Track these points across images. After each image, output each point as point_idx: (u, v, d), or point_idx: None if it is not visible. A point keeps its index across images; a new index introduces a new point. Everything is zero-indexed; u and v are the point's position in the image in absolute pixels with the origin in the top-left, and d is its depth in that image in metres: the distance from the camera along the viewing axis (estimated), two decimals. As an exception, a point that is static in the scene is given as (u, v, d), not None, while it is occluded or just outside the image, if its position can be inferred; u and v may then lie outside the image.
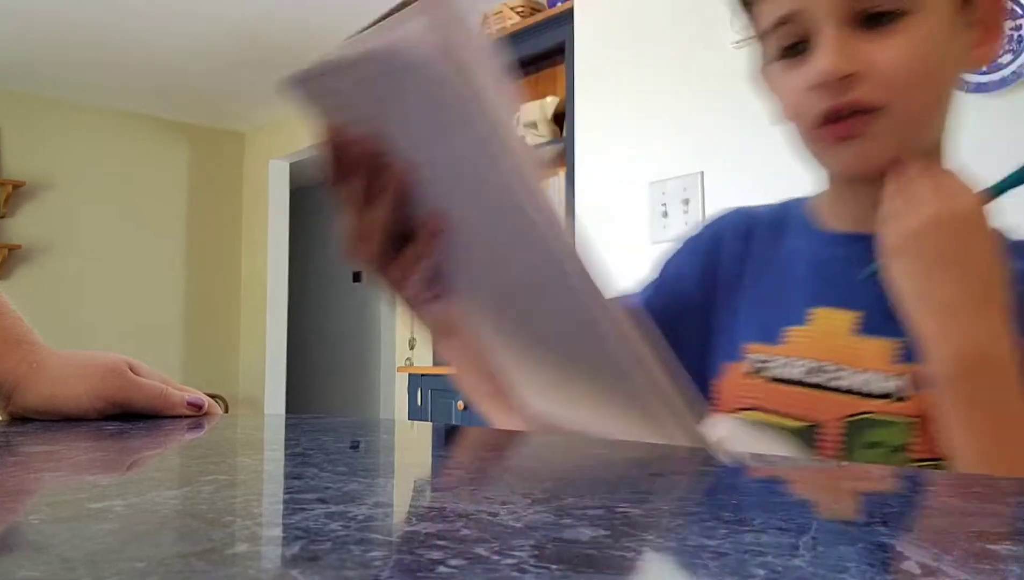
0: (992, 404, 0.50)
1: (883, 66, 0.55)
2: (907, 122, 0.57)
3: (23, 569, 0.19)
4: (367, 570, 0.18)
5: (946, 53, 0.58)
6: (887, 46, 0.55)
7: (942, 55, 0.57)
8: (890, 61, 0.55)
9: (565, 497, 0.27)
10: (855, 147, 0.58)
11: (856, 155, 0.58)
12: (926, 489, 0.32)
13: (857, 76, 0.55)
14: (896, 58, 0.55)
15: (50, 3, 3.48)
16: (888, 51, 0.55)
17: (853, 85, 0.55)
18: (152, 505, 0.25)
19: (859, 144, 0.57)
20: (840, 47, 0.55)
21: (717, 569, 0.18)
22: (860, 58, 0.55)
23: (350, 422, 0.59)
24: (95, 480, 0.33)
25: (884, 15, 0.55)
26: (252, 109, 5.06)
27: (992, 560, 0.19)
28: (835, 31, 0.55)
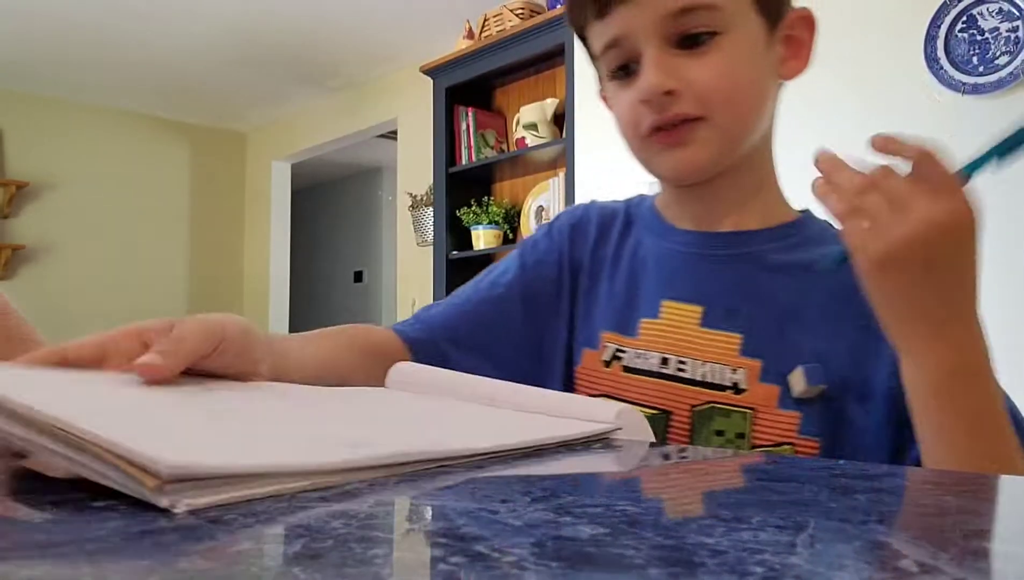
0: (973, 409, 0.50)
1: (699, 83, 0.61)
2: (726, 130, 0.63)
3: (25, 568, 0.19)
4: (368, 568, 0.18)
5: (758, 67, 0.64)
6: (702, 64, 0.61)
7: (754, 69, 0.63)
8: (704, 78, 0.61)
9: (565, 495, 0.27)
10: (680, 153, 0.63)
11: (682, 160, 0.63)
12: (923, 488, 0.32)
13: (677, 92, 0.61)
14: (710, 75, 0.61)
15: (52, 3, 3.49)
16: (703, 69, 0.61)
17: (675, 100, 0.61)
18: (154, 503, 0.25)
19: (683, 151, 0.63)
20: (660, 66, 0.61)
21: (716, 567, 0.18)
22: (679, 75, 0.61)
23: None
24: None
25: (698, 36, 0.61)
26: (254, 109, 5.07)
27: (989, 558, 0.19)
28: (656, 52, 0.61)
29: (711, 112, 0.61)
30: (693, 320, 0.66)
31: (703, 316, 0.65)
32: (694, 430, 0.63)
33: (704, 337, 0.64)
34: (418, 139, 4.11)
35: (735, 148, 0.64)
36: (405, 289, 4.24)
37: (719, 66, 0.61)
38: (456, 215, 3.37)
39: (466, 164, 3.34)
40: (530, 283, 0.74)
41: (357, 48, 4.02)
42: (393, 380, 0.57)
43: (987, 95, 2.02)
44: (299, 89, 4.63)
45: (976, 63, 2.05)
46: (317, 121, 4.92)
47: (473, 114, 3.34)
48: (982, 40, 2.05)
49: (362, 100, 4.57)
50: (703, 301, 0.66)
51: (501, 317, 0.73)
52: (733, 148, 0.64)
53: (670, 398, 0.64)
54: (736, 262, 0.67)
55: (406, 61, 4.13)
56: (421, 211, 3.97)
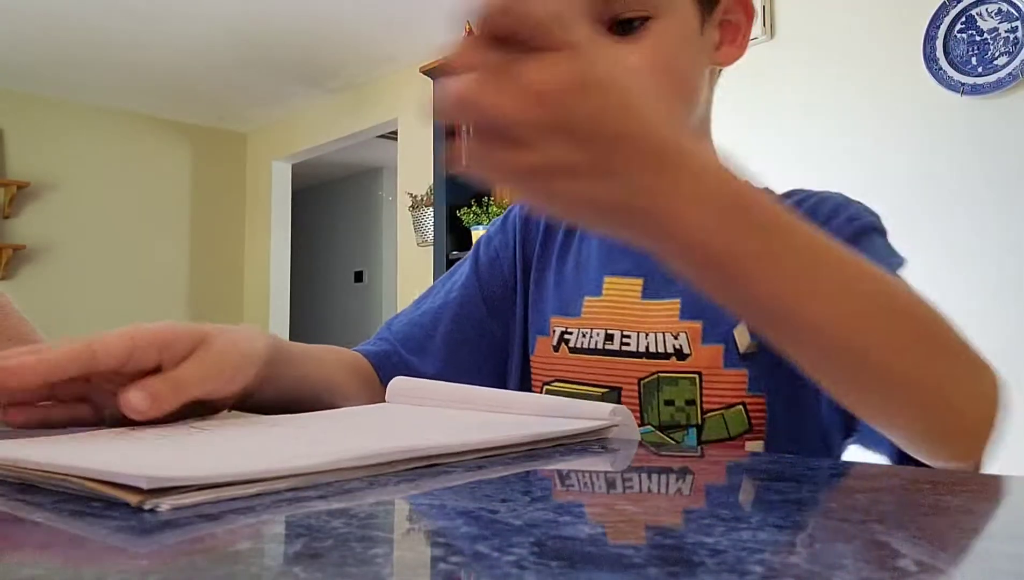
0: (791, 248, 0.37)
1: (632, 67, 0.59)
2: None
3: (26, 567, 0.19)
4: (368, 567, 0.18)
5: (691, 54, 0.62)
6: (635, 49, 0.59)
7: (687, 56, 0.62)
8: (636, 63, 0.59)
9: (565, 495, 0.27)
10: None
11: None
12: (922, 487, 0.32)
13: None
14: (641, 60, 0.59)
15: (53, 4, 3.49)
16: (635, 54, 0.59)
17: None
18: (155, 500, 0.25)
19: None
20: None
21: (715, 566, 0.18)
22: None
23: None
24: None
25: (631, 22, 0.59)
26: (254, 110, 5.07)
27: (987, 557, 0.19)
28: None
29: None
30: (634, 293, 0.66)
31: (643, 288, 0.65)
32: (643, 403, 0.62)
33: (646, 308, 0.64)
34: (418, 139, 4.11)
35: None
36: (405, 289, 4.24)
37: (652, 51, 0.59)
38: (456, 215, 3.37)
39: (466, 164, 3.33)
40: (486, 282, 0.75)
41: (357, 49, 4.02)
42: (393, 394, 0.57)
43: (986, 95, 2.02)
44: (299, 89, 4.63)
45: (975, 63, 2.05)
46: (317, 121, 4.92)
47: (473, 114, 3.33)
48: (981, 41, 2.05)
49: (362, 100, 4.57)
50: (643, 273, 0.66)
51: (463, 318, 0.73)
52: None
53: (617, 374, 0.64)
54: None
55: (406, 61, 4.13)
56: (421, 211, 3.97)
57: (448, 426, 0.44)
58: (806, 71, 2.36)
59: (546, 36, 0.33)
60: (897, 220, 2.47)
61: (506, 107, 0.32)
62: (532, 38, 0.33)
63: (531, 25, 0.33)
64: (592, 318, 0.67)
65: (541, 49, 0.33)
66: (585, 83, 0.33)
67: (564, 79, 0.32)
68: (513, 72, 0.33)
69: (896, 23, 2.19)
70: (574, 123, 0.33)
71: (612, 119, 0.33)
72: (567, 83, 0.32)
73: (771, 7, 2.44)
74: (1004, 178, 1.98)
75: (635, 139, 0.34)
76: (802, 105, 2.36)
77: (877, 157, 2.20)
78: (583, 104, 0.33)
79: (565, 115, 0.33)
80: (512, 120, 0.32)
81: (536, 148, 0.33)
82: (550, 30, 0.33)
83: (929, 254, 2.10)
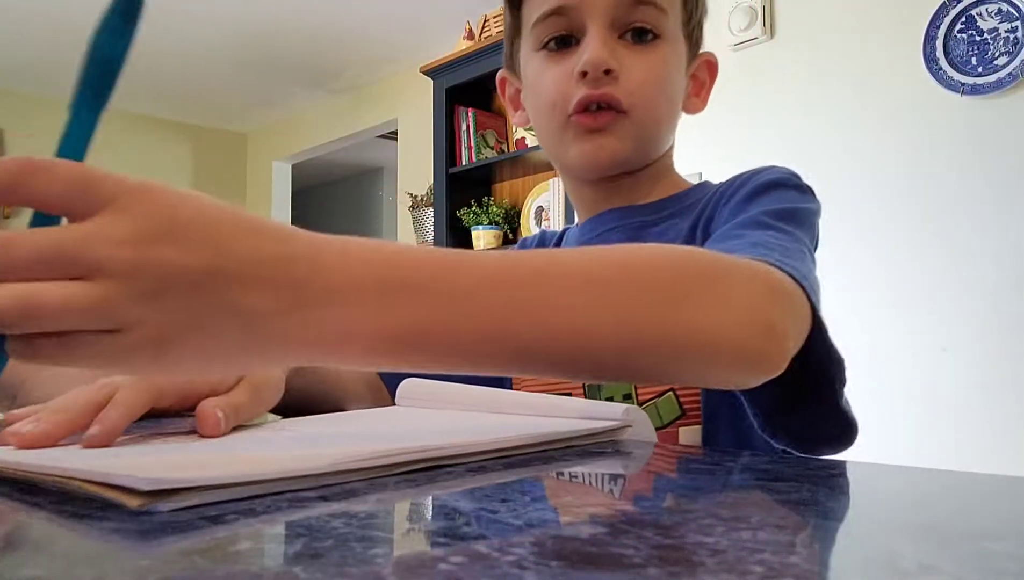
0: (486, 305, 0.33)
1: (635, 73, 0.63)
2: (643, 129, 0.65)
3: (27, 567, 0.19)
4: (369, 567, 0.18)
5: (678, 85, 0.67)
6: (640, 59, 0.64)
7: (677, 84, 0.67)
8: (641, 70, 0.63)
9: (565, 495, 0.27)
10: (600, 139, 0.64)
11: (602, 146, 0.64)
12: (923, 488, 0.32)
13: (614, 74, 0.62)
14: (646, 69, 0.63)
15: (54, 4, 3.49)
16: (640, 63, 0.63)
17: (611, 81, 0.62)
18: (155, 503, 0.25)
19: (602, 137, 0.64)
20: (606, 46, 0.63)
21: (715, 566, 0.18)
22: (619, 60, 0.63)
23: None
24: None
25: (643, 33, 0.64)
26: (255, 110, 5.07)
27: (988, 558, 0.19)
28: (603, 31, 0.63)
29: (635, 107, 0.63)
30: None
31: None
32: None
33: None
34: (418, 139, 4.11)
35: (646, 149, 0.67)
36: (405, 289, 4.24)
37: (655, 66, 0.64)
38: (456, 215, 3.37)
39: (466, 164, 3.34)
40: None
41: (358, 49, 4.02)
42: (402, 396, 0.57)
43: (986, 95, 2.02)
44: (300, 90, 4.63)
45: (975, 64, 2.05)
46: (318, 122, 4.92)
47: (473, 114, 3.34)
48: (981, 41, 2.05)
49: (362, 101, 4.57)
50: None
51: None
52: (644, 148, 0.66)
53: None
54: (612, 234, 0.69)
55: (406, 62, 4.13)
56: (421, 211, 3.96)
57: (455, 428, 0.44)
58: (806, 71, 2.36)
59: (80, 199, 0.28)
60: (897, 220, 2.47)
61: (82, 300, 0.27)
62: (65, 209, 0.28)
63: (58, 194, 0.28)
64: None
65: (76, 218, 0.28)
66: (151, 230, 0.28)
67: (123, 237, 0.27)
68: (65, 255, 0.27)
69: (896, 23, 2.19)
70: (161, 279, 0.27)
71: (203, 253, 0.28)
72: (129, 241, 0.27)
73: (771, 7, 2.44)
74: (1004, 178, 1.98)
75: (243, 262, 0.29)
76: (802, 105, 2.36)
77: (877, 157, 2.20)
78: (161, 254, 0.27)
79: (147, 277, 0.27)
80: (95, 313, 0.27)
81: (128, 328, 0.27)
82: (82, 190, 0.28)
83: (929, 254, 2.10)
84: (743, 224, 0.55)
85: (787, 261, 0.45)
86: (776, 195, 0.59)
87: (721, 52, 2.53)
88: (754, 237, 0.51)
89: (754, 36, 2.43)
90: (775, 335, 0.40)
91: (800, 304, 0.43)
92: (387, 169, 6.09)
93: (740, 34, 2.44)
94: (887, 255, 2.13)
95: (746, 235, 0.52)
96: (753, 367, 0.40)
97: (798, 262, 0.46)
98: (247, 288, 0.29)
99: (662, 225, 0.67)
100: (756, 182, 0.61)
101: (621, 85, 0.62)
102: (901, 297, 2.12)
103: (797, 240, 0.52)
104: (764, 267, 0.42)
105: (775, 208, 0.56)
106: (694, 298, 0.37)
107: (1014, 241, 1.98)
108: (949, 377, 2.02)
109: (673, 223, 0.67)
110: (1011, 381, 1.92)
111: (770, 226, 0.53)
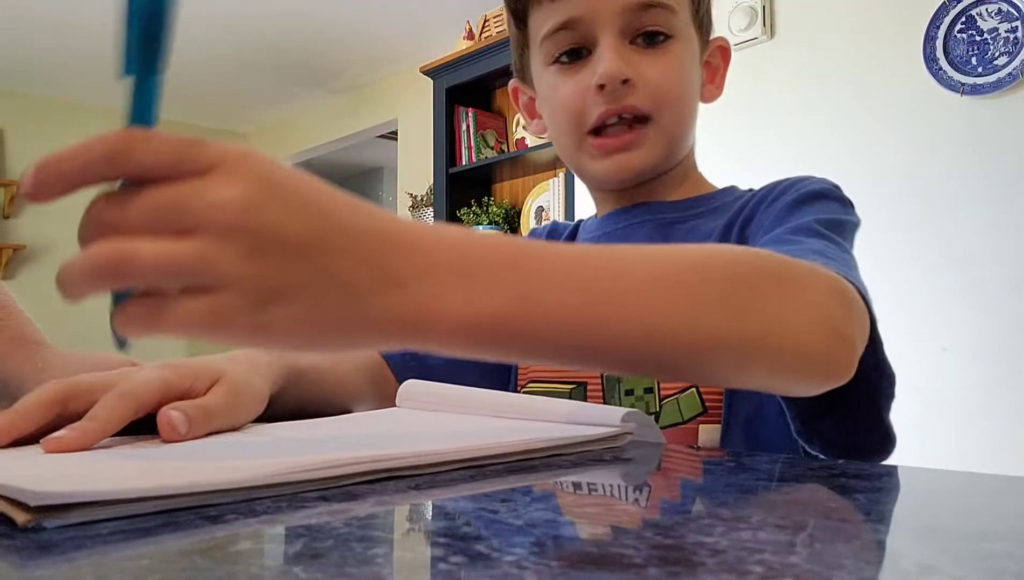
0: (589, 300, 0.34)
1: (652, 78, 0.61)
2: (670, 133, 0.64)
3: (25, 568, 0.19)
4: (368, 567, 0.18)
5: (696, 80, 0.66)
6: (655, 62, 0.62)
7: (694, 80, 0.65)
8: (658, 74, 0.62)
9: (565, 495, 0.27)
10: (623, 158, 0.63)
11: (624, 164, 0.63)
12: (923, 488, 0.32)
13: (631, 83, 0.61)
14: (663, 73, 0.62)
15: (54, 4, 3.49)
16: (656, 66, 0.62)
17: (630, 91, 0.61)
18: (155, 503, 0.25)
19: (628, 153, 0.63)
20: (619, 56, 0.61)
21: (715, 566, 0.18)
22: (634, 68, 0.61)
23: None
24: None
25: (655, 36, 0.62)
26: (255, 110, 5.07)
27: (988, 558, 0.19)
28: (615, 41, 0.61)
29: (660, 111, 0.62)
30: None
31: None
32: (606, 395, 0.63)
33: None
34: (418, 139, 4.11)
35: (673, 153, 0.65)
36: (405, 289, 4.24)
37: (672, 67, 0.62)
38: (456, 215, 3.37)
39: (466, 164, 3.34)
40: None
41: (358, 49, 4.02)
42: (403, 397, 0.57)
43: (986, 95, 2.02)
44: (300, 90, 4.63)
45: (975, 64, 2.05)
46: (318, 122, 4.92)
47: (473, 115, 3.34)
48: (981, 41, 2.05)
49: (362, 101, 4.57)
50: None
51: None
52: (671, 153, 0.65)
53: (582, 369, 0.64)
54: (638, 228, 0.67)
55: (406, 62, 4.13)
56: (421, 211, 3.97)
57: (462, 431, 0.43)
58: (806, 71, 2.36)
59: (185, 165, 0.28)
60: (897, 220, 2.47)
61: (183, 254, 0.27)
62: (169, 176, 0.28)
63: (163, 163, 0.28)
64: None
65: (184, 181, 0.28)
66: (257, 192, 0.28)
67: (230, 198, 0.27)
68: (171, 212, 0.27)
69: (896, 23, 2.19)
70: (266, 239, 0.27)
71: (307, 218, 0.28)
72: (236, 201, 0.27)
73: (771, 7, 2.44)
74: (1004, 178, 1.98)
75: (343, 233, 0.29)
76: (802, 105, 2.36)
77: (877, 157, 2.20)
78: (266, 215, 0.27)
79: (252, 236, 0.27)
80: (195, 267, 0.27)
81: (228, 286, 0.27)
82: (186, 157, 0.28)
83: (929, 254, 2.10)
84: (797, 229, 0.54)
85: (848, 272, 0.44)
86: (822, 206, 0.59)
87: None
88: (812, 244, 0.50)
89: (754, 36, 2.43)
90: (844, 340, 0.40)
91: (862, 314, 0.43)
92: (387, 169, 6.09)
93: (740, 34, 2.44)
94: (887, 255, 2.12)
95: (803, 241, 0.51)
96: (823, 372, 0.39)
97: (856, 274, 0.46)
98: (347, 259, 0.29)
99: (691, 222, 0.66)
100: (802, 190, 0.60)
101: (640, 93, 0.61)
102: (901, 297, 2.12)
103: (849, 252, 0.52)
104: (831, 273, 0.42)
105: (825, 217, 0.55)
106: (766, 299, 0.37)
107: (1014, 241, 1.98)
108: (949, 377, 2.02)
109: (702, 221, 0.66)
110: (1012, 381, 1.92)
111: (823, 235, 0.52)
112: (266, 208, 0.28)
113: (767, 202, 0.61)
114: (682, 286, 0.35)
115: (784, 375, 0.39)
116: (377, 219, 0.30)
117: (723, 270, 0.37)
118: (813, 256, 0.46)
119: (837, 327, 0.39)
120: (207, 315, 0.27)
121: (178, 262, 0.27)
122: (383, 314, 0.29)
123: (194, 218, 0.27)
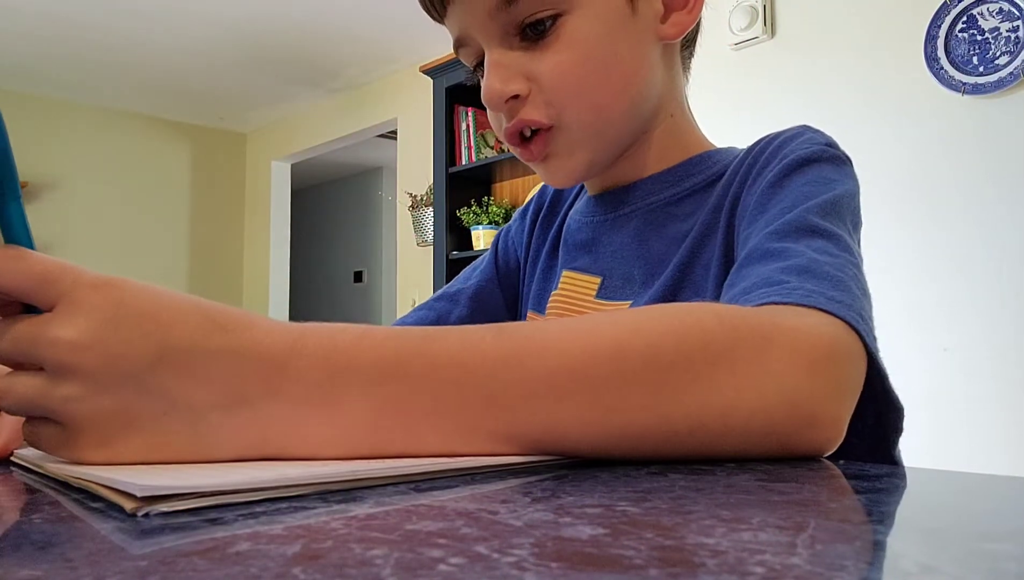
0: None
1: (545, 80, 0.53)
2: (586, 129, 0.55)
3: (25, 568, 0.19)
4: (368, 568, 0.18)
5: (619, 40, 0.54)
6: (544, 57, 0.53)
7: (612, 45, 0.54)
8: (548, 73, 0.53)
9: (565, 495, 0.27)
10: (546, 166, 0.57)
11: (553, 173, 0.58)
12: (923, 488, 0.32)
13: (523, 96, 0.54)
14: (554, 68, 0.53)
15: (54, 4, 3.49)
16: (546, 63, 0.53)
17: (520, 105, 0.54)
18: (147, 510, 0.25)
19: (547, 164, 0.57)
20: (501, 68, 0.54)
21: (715, 567, 0.18)
22: (526, 73, 0.54)
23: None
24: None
25: (540, 24, 0.52)
26: (254, 110, 5.07)
27: (989, 559, 0.19)
28: (496, 51, 0.54)
29: (560, 115, 0.54)
30: (590, 290, 0.63)
31: (600, 287, 0.62)
32: None
33: (596, 307, 0.61)
34: (418, 139, 4.11)
35: (611, 142, 0.57)
36: (405, 289, 4.24)
37: (565, 55, 0.53)
38: (456, 215, 3.37)
39: (466, 164, 3.34)
40: (503, 271, 0.75)
41: (357, 49, 4.02)
42: None
43: (987, 95, 2.02)
44: (299, 90, 4.63)
45: (976, 63, 2.05)
46: (317, 121, 4.92)
47: (473, 114, 3.34)
48: (982, 40, 2.05)
49: (362, 100, 4.57)
50: (601, 272, 0.63)
51: (478, 304, 0.72)
52: (608, 143, 0.57)
53: None
54: (625, 220, 0.62)
55: (406, 61, 4.13)
56: (421, 211, 3.97)
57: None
58: (807, 71, 2.36)
59: (38, 298, 0.29)
60: (898, 220, 2.48)
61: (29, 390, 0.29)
62: (28, 300, 0.29)
63: (22, 290, 0.29)
64: (552, 313, 0.65)
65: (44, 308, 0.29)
66: (95, 328, 0.28)
67: (63, 336, 0.28)
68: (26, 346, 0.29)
69: (897, 23, 2.19)
70: (102, 374, 0.28)
71: (147, 346, 0.28)
72: (69, 339, 0.28)
73: (771, 7, 2.44)
74: (1006, 178, 1.98)
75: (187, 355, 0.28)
76: (802, 105, 2.36)
77: (878, 157, 2.19)
78: (99, 351, 0.28)
79: (87, 373, 0.28)
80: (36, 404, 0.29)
81: (71, 421, 0.28)
82: (38, 290, 0.29)
83: (931, 254, 2.10)
84: (784, 230, 0.47)
85: (838, 296, 0.39)
86: (812, 173, 0.52)
87: (721, 52, 2.54)
88: (798, 258, 0.44)
89: (754, 36, 2.43)
90: (814, 421, 0.36)
91: (852, 364, 0.38)
92: (387, 169, 6.10)
93: (740, 34, 2.44)
94: (888, 254, 2.12)
95: (788, 253, 0.45)
96: (795, 449, 0.36)
97: (850, 292, 0.41)
98: (189, 381, 0.28)
99: (681, 204, 0.59)
100: (788, 160, 0.53)
101: (534, 102, 0.54)
102: (902, 297, 2.12)
103: (844, 246, 0.46)
104: (806, 328, 0.36)
105: (816, 202, 0.48)
106: (704, 380, 0.34)
107: (1016, 240, 1.98)
108: (951, 377, 2.02)
109: (693, 201, 0.59)
110: (1014, 381, 1.92)
111: (814, 231, 0.46)
112: (100, 344, 0.28)
113: (751, 177, 0.55)
114: (585, 381, 0.32)
115: (751, 452, 0.36)
116: (233, 336, 0.29)
117: (643, 355, 0.33)
118: (797, 284, 0.41)
119: (801, 405, 0.35)
120: (60, 447, 0.29)
121: (25, 398, 0.29)
122: (232, 435, 0.29)
123: (39, 355, 0.28)
